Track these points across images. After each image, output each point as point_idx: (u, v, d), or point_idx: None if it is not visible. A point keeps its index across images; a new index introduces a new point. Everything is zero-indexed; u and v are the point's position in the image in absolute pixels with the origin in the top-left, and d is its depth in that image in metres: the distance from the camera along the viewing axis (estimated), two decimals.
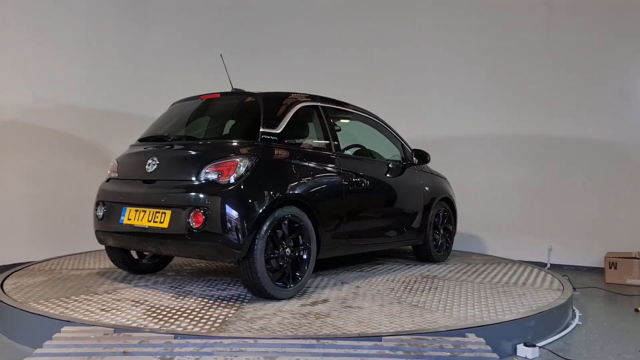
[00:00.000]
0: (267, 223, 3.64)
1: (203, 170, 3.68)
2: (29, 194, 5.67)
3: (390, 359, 2.74)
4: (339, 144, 4.49)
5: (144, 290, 3.99)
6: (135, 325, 3.10)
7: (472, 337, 3.06)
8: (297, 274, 3.89)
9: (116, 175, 4.28)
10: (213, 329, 3.07)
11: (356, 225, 4.47)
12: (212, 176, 3.65)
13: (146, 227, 3.79)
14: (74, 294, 3.90)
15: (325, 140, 4.42)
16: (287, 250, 3.80)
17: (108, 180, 4.34)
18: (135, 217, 3.88)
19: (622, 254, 5.75)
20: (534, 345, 3.22)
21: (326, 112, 4.50)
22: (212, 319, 3.28)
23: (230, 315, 3.37)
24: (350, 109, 4.90)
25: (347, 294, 4.01)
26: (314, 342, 2.87)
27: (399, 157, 5.20)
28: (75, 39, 6.10)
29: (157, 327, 3.09)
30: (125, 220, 3.93)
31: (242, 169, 3.65)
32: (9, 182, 5.50)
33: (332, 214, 4.20)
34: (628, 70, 6.21)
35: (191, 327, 3.10)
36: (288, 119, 4.11)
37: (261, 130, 3.89)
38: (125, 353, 2.70)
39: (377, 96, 6.75)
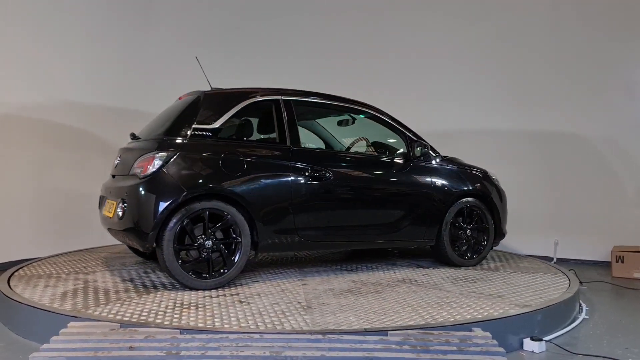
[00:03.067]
0: (178, 215, 3.74)
1: (134, 166, 3.98)
2: (31, 190, 5.66)
3: (396, 354, 2.74)
4: (298, 138, 4.33)
5: (110, 274, 4.32)
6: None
7: (478, 331, 3.06)
8: (224, 269, 3.90)
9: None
10: (90, 310, 3.26)
11: (315, 221, 4.29)
12: (137, 171, 3.90)
13: (106, 217, 4.19)
14: (61, 271, 4.41)
15: (280, 134, 4.30)
16: (208, 242, 3.83)
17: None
18: (105, 209, 4.27)
19: (629, 248, 5.73)
20: (541, 340, 3.22)
21: (288, 107, 4.36)
22: (109, 302, 3.47)
23: (127, 300, 3.53)
24: (332, 101, 4.67)
25: (270, 290, 3.88)
26: (319, 336, 2.87)
27: (405, 150, 4.90)
28: (77, 37, 6.07)
29: (49, 303, 3.39)
30: (103, 211, 4.34)
31: (157, 164, 3.81)
32: (12, 179, 5.49)
33: (272, 209, 4.08)
34: (634, 67, 6.17)
35: (74, 307, 3.31)
36: (230, 115, 4.16)
37: (194, 126, 4.01)
38: (131, 348, 2.71)
39: (378, 94, 6.69)
